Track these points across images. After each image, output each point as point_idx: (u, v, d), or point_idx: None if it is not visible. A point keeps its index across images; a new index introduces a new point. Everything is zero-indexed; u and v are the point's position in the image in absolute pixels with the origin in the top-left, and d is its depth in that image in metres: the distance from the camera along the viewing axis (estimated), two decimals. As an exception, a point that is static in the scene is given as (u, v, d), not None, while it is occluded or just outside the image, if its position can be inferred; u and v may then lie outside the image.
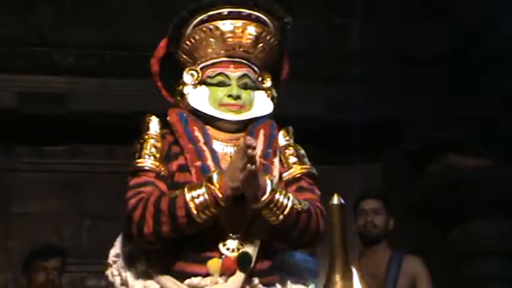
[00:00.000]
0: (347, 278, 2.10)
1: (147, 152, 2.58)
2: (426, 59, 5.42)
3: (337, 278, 2.11)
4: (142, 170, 2.55)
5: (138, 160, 2.56)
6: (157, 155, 2.57)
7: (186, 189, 2.43)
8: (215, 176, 2.42)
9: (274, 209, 2.47)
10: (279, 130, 2.71)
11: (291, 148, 2.71)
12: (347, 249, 2.13)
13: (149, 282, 2.54)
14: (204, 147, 2.55)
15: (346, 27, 5.45)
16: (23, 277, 4.47)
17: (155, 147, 2.59)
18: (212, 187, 2.41)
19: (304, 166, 2.67)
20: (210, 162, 2.53)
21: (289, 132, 2.74)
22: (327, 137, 5.00)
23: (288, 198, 2.49)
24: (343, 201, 2.16)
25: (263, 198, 2.45)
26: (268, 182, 2.47)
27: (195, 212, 2.41)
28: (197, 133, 2.58)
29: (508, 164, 5.27)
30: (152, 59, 2.75)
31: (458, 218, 5.38)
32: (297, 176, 2.65)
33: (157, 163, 2.55)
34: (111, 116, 5.17)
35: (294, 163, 2.67)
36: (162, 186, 2.53)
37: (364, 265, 4.58)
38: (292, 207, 2.49)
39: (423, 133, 5.52)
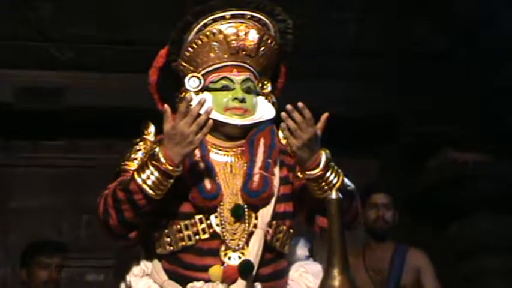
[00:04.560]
0: (345, 272, 2.11)
1: (134, 156, 2.62)
2: (424, 54, 5.43)
3: (336, 272, 2.11)
4: (123, 171, 2.59)
5: (122, 163, 2.61)
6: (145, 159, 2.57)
7: (135, 174, 2.45)
8: (159, 153, 2.42)
9: (323, 184, 2.48)
10: (278, 129, 2.70)
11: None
12: (345, 243, 2.14)
13: (153, 286, 2.56)
14: (201, 162, 2.54)
15: (343, 23, 5.45)
16: (23, 271, 4.43)
17: (145, 152, 2.61)
18: (158, 164, 2.42)
19: None
20: (205, 178, 2.52)
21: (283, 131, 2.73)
22: (324, 132, 5.00)
23: (338, 177, 2.51)
24: (341, 196, 2.17)
25: (314, 172, 2.47)
26: (323, 155, 2.49)
27: (151, 191, 2.43)
28: None
29: (506, 159, 5.28)
30: (151, 69, 2.73)
31: (456, 214, 5.38)
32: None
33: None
34: (109, 111, 5.17)
35: None
36: None
37: (368, 258, 4.59)
38: (341, 184, 2.50)
39: (421, 129, 5.52)
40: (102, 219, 2.51)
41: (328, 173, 2.49)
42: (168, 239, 2.54)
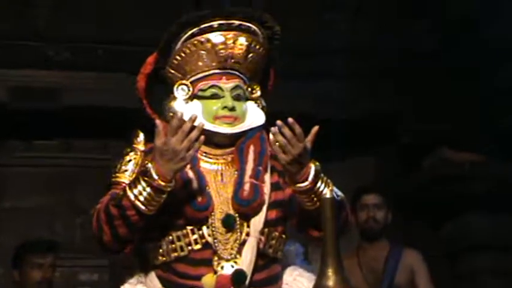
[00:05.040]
0: (339, 271, 2.12)
1: (124, 167, 2.61)
2: (420, 53, 5.44)
3: (330, 271, 2.12)
4: (114, 183, 2.59)
5: (113, 175, 2.60)
6: (136, 170, 2.58)
7: (127, 190, 2.44)
8: (151, 168, 2.42)
9: (313, 195, 2.48)
10: (268, 134, 2.67)
11: None
12: (339, 243, 2.15)
13: None
14: (191, 173, 2.54)
15: (337, 22, 5.46)
16: (15, 272, 4.41)
17: (136, 163, 2.61)
18: (150, 180, 2.41)
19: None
20: (196, 190, 2.51)
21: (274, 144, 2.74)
22: (319, 132, 5.00)
23: (328, 187, 2.49)
24: (335, 196, 2.18)
25: (303, 184, 2.47)
26: (312, 168, 2.48)
27: (143, 207, 2.42)
28: None
29: (501, 158, 5.29)
30: (139, 75, 2.72)
31: (451, 213, 5.40)
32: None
33: (132, 177, 2.55)
34: (104, 111, 5.16)
35: None
36: None
37: (362, 258, 4.61)
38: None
39: (416, 127, 5.54)
40: (97, 235, 2.51)
41: (318, 184, 2.48)
42: (161, 250, 2.54)
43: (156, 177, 2.40)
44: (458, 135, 5.40)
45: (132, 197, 2.42)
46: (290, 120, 2.45)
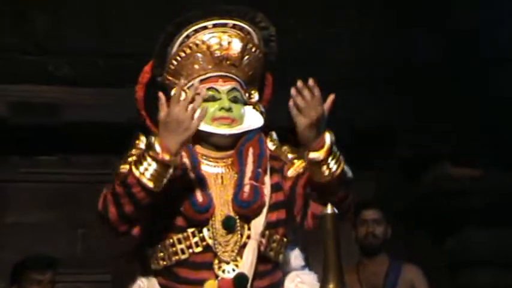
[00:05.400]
0: (341, 287, 2.11)
1: (129, 160, 2.56)
2: (421, 66, 5.44)
3: (331, 287, 2.11)
4: (119, 174, 2.55)
5: (118, 167, 2.56)
6: None
7: (132, 167, 2.41)
8: (155, 143, 2.40)
9: (324, 167, 2.48)
10: (266, 137, 2.70)
11: (283, 148, 2.70)
12: (340, 258, 2.14)
13: None
14: (192, 174, 2.54)
15: (338, 34, 5.46)
16: (13, 286, 4.39)
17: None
18: (154, 154, 2.39)
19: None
20: (197, 191, 2.51)
21: (272, 137, 2.73)
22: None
23: (340, 163, 2.51)
24: (336, 211, 2.18)
25: (318, 153, 2.47)
26: (328, 137, 2.48)
27: (150, 184, 2.40)
28: (184, 159, 2.54)
29: (502, 172, 5.29)
30: (137, 85, 2.73)
31: (452, 227, 5.39)
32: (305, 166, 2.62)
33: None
34: (105, 126, 5.16)
35: (294, 158, 2.67)
36: None
37: (362, 274, 4.61)
38: (342, 171, 2.50)
39: (417, 141, 5.53)
40: (103, 215, 2.46)
41: (331, 158, 2.48)
42: (162, 254, 2.53)
43: (159, 150, 2.38)
44: (459, 149, 5.39)
45: (137, 174, 2.39)
46: (310, 82, 2.47)
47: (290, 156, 2.68)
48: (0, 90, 5.15)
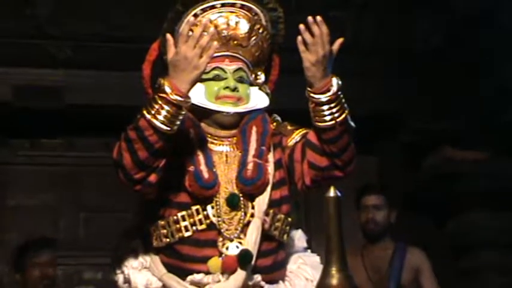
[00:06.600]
0: (343, 269, 2.11)
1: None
2: (422, 51, 5.43)
3: (334, 270, 2.11)
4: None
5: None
6: None
7: (144, 111, 2.39)
8: (165, 84, 2.38)
9: (328, 111, 2.49)
10: (270, 117, 2.70)
11: (283, 123, 2.72)
12: (343, 241, 2.14)
13: (152, 279, 2.54)
14: (198, 151, 2.53)
15: (341, 20, 5.44)
16: (17, 274, 4.40)
17: None
18: (164, 95, 2.37)
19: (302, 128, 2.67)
20: (203, 167, 2.51)
21: (275, 118, 2.74)
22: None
23: (344, 110, 2.51)
24: (339, 194, 2.17)
25: (324, 95, 2.46)
26: (335, 81, 2.49)
27: (163, 126, 2.37)
28: (192, 135, 2.55)
29: (504, 155, 5.29)
30: (145, 63, 2.72)
31: (454, 210, 5.40)
32: (305, 132, 2.63)
33: None
34: (108, 109, 5.16)
35: (294, 129, 2.68)
36: None
37: (367, 257, 4.61)
38: (345, 117, 2.51)
39: (419, 126, 5.53)
40: (118, 163, 2.43)
41: (335, 103, 2.49)
42: (165, 231, 2.52)
43: (169, 90, 2.36)
44: (461, 133, 5.39)
45: (148, 117, 2.36)
46: (319, 18, 2.46)
47: (290, 128, 2.69)
48: (3, 73, 5.14)
